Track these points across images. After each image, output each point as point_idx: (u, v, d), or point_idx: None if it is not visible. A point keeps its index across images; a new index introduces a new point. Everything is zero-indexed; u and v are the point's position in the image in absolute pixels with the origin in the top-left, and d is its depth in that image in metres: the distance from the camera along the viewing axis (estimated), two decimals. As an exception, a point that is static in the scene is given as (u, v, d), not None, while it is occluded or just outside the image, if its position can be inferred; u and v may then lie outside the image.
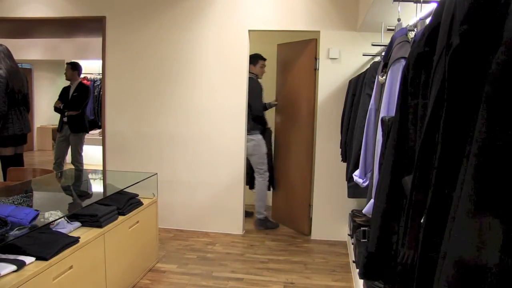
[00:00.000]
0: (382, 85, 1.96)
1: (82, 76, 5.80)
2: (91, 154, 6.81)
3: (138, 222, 2.96)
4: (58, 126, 5.34)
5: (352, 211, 3.63)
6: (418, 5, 1.99)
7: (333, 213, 4.05)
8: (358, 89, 2.98)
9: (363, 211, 2.08)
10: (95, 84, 7.45)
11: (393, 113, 1.63)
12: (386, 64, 1.99)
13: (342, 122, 3.55)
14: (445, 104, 0.84)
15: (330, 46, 3.94)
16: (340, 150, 3.59)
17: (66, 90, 5.31)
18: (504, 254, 0.61)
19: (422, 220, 0.93)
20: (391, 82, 1.82)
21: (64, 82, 5.61)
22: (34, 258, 1.94)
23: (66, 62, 5.48)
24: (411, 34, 2.03)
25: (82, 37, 6.96)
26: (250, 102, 4.17)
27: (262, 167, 4.38)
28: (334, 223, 4.06)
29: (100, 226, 2.47)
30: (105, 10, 4.28)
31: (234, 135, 4.13)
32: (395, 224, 1.32)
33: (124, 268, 2.78)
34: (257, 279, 3.15)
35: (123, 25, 4.26)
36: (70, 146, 5.25)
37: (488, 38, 0.72)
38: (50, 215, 2.21)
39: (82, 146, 5.34)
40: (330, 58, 3.96)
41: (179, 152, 4.26)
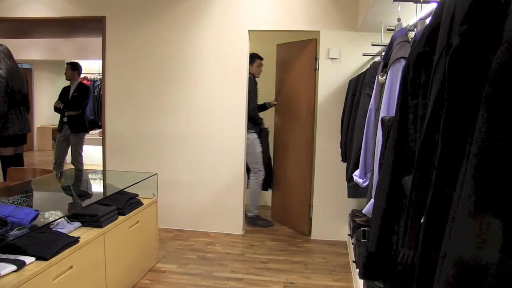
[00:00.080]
0: (382, 85, 1.96)
1: (82, 76, 5.80)
2: (91, 154, 6.81)
3: (138, 222, 2.96)
4: (58, 126, 5.34)
5: (352, 211, 3.63)
6: (418, 5, 1.99)
7: (333, 213, 4.05)
8: (358, 89, 2.98)
9: (363, 211, 2.08)
10: (95, 84, 7.45)
11: (393, 113, 1.64)
12: (386, 64, 1.99)
13: (342, 122, 3.55)
14: (445, 104, 0.84)
15: (330, 46, 3.94)
16: (340, 150, 3.59)
17: (66, 90, 5.31)
18: (504, 254, 0.61)
19: (422, 220, 0.93)
20: (391, 82, 1.82)
21: (64, 82, 5.61)
22: (34, 258, 1.94)
23: (66, 62, 5.48)
24: (411, 34, 2.03)
25: (82, 37, 6.96)
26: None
27: (256, 166, 4.39)
28: (334, 223, 4.06)
29: (100, 226, 2.47)
30: (105, 10, 4.28)
31: (234, 135, 4.13)
32: (395, 224, 1.32)
33: (124, 268, 2.78)
34: (257, 279, 3.15)
35: (123, 25, 4.26)
36: (70, 146, 5.25)
37: (488, 38, 0.72)
38: (50, 215, 2.21)
39: (82, 146, 5.34)
40: (330, 58, 3.96)
41: (179, 152, 4.26)
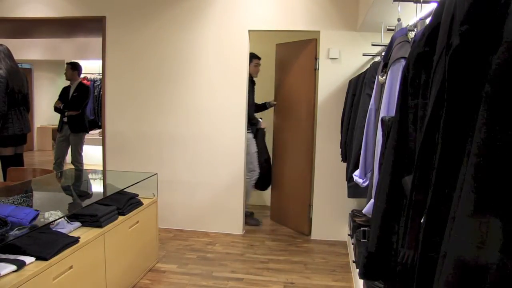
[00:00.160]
0: (382, 85, 1.96)
1: (82, 76, 5.80)
2: (91, 154, 6.81)
3: (138, 222, 2.96)
4: (58, 126, 5.34)
5: (352, 211, 3.63)
6: (418, 5, 1.99)
7: (333, 213, 4.05)
8: (358, 89, 2.98)
9: (363, 211, 2.08)
10: (95, 84, 7.45)
11: (393, 113, 1.64)
12: (386, 64, 1.99)
13: (342, 122, 3.55)
14: (445, 104, 0.84)
15: (330, 46, 3.94)
16: (340, 150, 3.59)
17: (66, 90, 5.31)
18: (504, 254, 0.61)
19: (422, 220, 0.93)
20: (391, 82, 1.82)
21: (64, 82, 5.61)
22: (34, 258, 1.94)
23: (66, 62, 5.48)
24: (411, 34, 2.03)
25: (82, 37, 6.96)
26: None
27: (250, 166, 4.41)
28: (334, 223, 4.06)
29: (100, 226, 2.47)
30: (105, 10, 4.28)
31: (234, 135, 4.13)
32: (395, 224, 1.32)
33: (124, 268, 2.78)
34: (257, 279, 3.15)
35: (123, 25, 4.26)
36: (70, 146, 5.25)
37: (488, 38, 0.72)
38: (50, 215, 2.21)
39: (82, 146, 5.34)
40: (330, 58, 3.96)
41: (179, 152, 4.26)
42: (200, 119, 4.19)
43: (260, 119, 4.57)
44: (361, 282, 2.60)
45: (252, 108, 4.35)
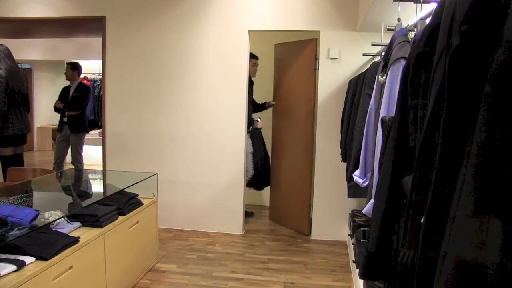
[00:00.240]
0: (382, 85, 1.96)
1: (82, 76, 5.80)
2: (91, 154, 6.82)
3: (138, 222, 2.96)
4: (58, 126, 5.34)
5: (352, 211, 3.63)
6: (418, 5, 1.99)
7: (333, 213, 4.05)
8: (358, 89, 2.98)
9: (363, 211, 2.08)
10: (95, 84, 7.45)
11: (393, 113, 1.64)
12: (386, 64, 1.99)
13: (342, 122, 3.55)
14: (445, 104, 0.84)
15: (330, 46, 3.94)
16: (340, 150, 3.59)
17: (66, 90, 5.31)
18: (504, 254, 0.61)
19: (422, 220, 0.93)
20: (391, 82, 1.82)
21: (64, 82, 5.61)
22: (34, 258, 1.94)
23: (66, 62, 5.48)
24: (411, 34, 2.03)
25: (82, 37, 6.96)
26: None
27: None
28: (334, 223, 4.06)
29: (100, 226, 2.47)
30: (105, 10, 4.28)
31: (234, 135, 4.13)
32: (395, 224, 1.32)
33: (124, 268, 2.78)
34: (257, 279, 3.15)
35: (123, 25, 4.26)
36: (70, 146, 5.25)
37: (488, 38, 0.72)
38: (50, 215, 2.21)
39: (82, 146, 5.34)
40: (330, 58, 3.96)
41: (179, 152, 4.26)
42: (200, 119, 4.19)
43: (258, 119, 4.57)
44: (361, 282, 2.60)
45: (249, 107, 4.35)
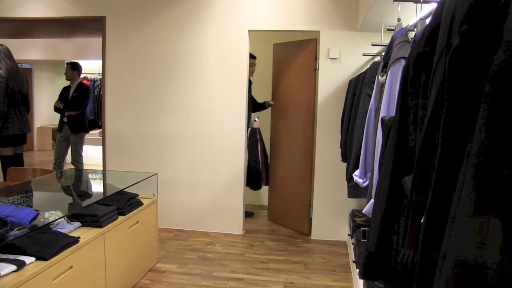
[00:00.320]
0: (382, 85, 1.96)
1: (82, 76, 5.80)
2: (91, 154, 6.81)
3: (138, 222, 2.96)
4: (58, 126, 5.34)
5: (352, 211, 3.63)
6: (418, 5, 1.99)
7: (333, 213, 4.05)
8: (358, 89, 2.98)
9: (363, 211, 2.08)
10: (95, 84, 7.45)
11: (393, 113, 1.64)
12: (386, 64, 1.99)
13: (342, 122, 3.55)
14: (445, 104, 0.84)
15: (330, 46, 3.94)
16: (340, 150, 3.59)
17: (66, 90, 5.31)
18: (504, 254, 0.61)
19: (422, 220, 0.93)
20: (391, 82, 1.82)
21: (64, 82, 5.61)
22: (34, 258, 1.94)
23: (66, 62, 5.48)
24: (411, 34, 2.03)
25: (82, 37, 6.96)
26: None
27: None
28: (334, 223, 4.06)
29: (100, 226, 2.47)
30: (105, 10, 4.28)
31: (234, 135, 4.13)
32: (395, 224, 1.32)
33: (124, 268, 2.78)
34: (257, 279, 3.15)
35: (123, 25, 4.26)
36: (70, 146, 5.25)
37: (488, 38, 0.72)
38: (50, 215, 2.21)
39: (82, 146, 5.34)
40: (330, 58, 3.96)
41: (179, 152, 4.26)
42: (200, 119, 4.19)
43: (255, 119, 4.56)
44: (361, 282, 2.60)
45: (248, 107, 4.35)
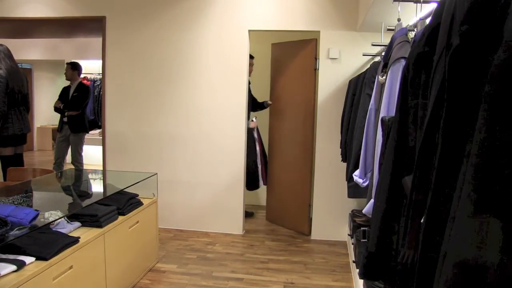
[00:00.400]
0: (382, 85, 1.96)
1: (82, 76, 5.80)
2: (91, 154, 6.81)
3: (138, 222, 2.96)
4: (58, 126, 5.34)
5: (352, 211, 3.63)
6: (418, 5, 1.99)
7: (333, 213, 4.05)
8: (358, 89, 2.98)
9: (363, 211, 2.08)
10: (95, 84, 7.45)
11: (393, 113, 1.64)
12: (386, 64, 1.99)
13: (342, 122, 3.55)
14: (445, 104, 0.84)
15: (330, 46, 3.94)
16: (340, 150, 3.59)
17: (66, 90, 5.31)
18: (504, 254, 0.61)
19: (422, 220, 0.93)
20: (391, 82, 1.82)
21: (64, 82, 5.61)
22: (34, 258, 1.94)
23: (66, 62, 5.48)
24: (411, 34, 2.03)
25: (82, 37, 6.96)
26: None
27: None
28: (334, 223, 4.06)
29: (100, 226, 2.47)
30: (105, 10, 4.28)
31: (234, 135, 4.13)
32: (395, 224, 1.32)
33: (124, 268, 2.78)
34: (257, 279, 3.15)
35: (123, 25, 4.26)
36: (70, 146, 5.25)
37: (488, 38, 0.72)
38: (50, 215, 2.21)
39: (82, 146, 5.34)
40: (330, 58, 3.96)
41: (179, 152, 4.26)
42: (200, 119, 4.19)
43: (252, 120, 4.55)
44: (361, 282, 2.60)
45: (248, 107, 4.35)
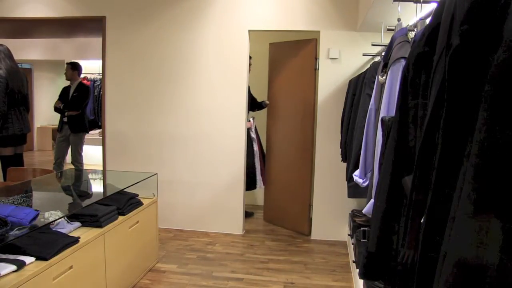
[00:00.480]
0: (382, 85, 1.96)
1: (82, 76, 5.80)
2: (91, 154, 6.81)
3: (138, 222, 2.96)
4: (58, 126, 5.34)
5: (352, 211, 3.63)
6: (418, 5, 1.99)
7: (333, 213, 4.05)
8: (358, 89, 2.98)
9: (363, 211, 2.08)
10: (95, 84, 7.45)
11: (393, 113, 1.64)
12: (386, 64, 1.99)
13: (342, 122, 3.55)
14: (445, 104, 0.84)
15: (330, 46, 3.94)
16: (340, 150, 3.59)
17: (66, 90, 5.31)
18: (504, 254, 0.61)
19: (422, 220, 0.93)
20: (391, 82, 1.82)
21: (64, 82, 5.60)
22: (34, 258, 1.94)
23: (66, 62, 5.48)
24: (411, 34, 2.03)
25: (82, 37, 6.96)
26: None
27: None
28: (334, 223, 4.06)
29: (100, 226, 2.47)
30: (105, 10, 4.28)
31: (234, 135, 4.13)
32: (395, 224, 1.32)
33: (124, 268, 2.78)
34: (257, 279, 3.15)
35: (123, 25, 4.26)
36: (70, 146, 5.25)
37: (488, 38, 0.72)
38: (50, 215, 2.21)
39: (82, 146, 5.34)
40: (330, 58, 3.96)
41: (179, 152, 4.26)
42: (200, 119, 4.19)
43: (250, 119, 4.55)
44: (361, 282, 2.60)
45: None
